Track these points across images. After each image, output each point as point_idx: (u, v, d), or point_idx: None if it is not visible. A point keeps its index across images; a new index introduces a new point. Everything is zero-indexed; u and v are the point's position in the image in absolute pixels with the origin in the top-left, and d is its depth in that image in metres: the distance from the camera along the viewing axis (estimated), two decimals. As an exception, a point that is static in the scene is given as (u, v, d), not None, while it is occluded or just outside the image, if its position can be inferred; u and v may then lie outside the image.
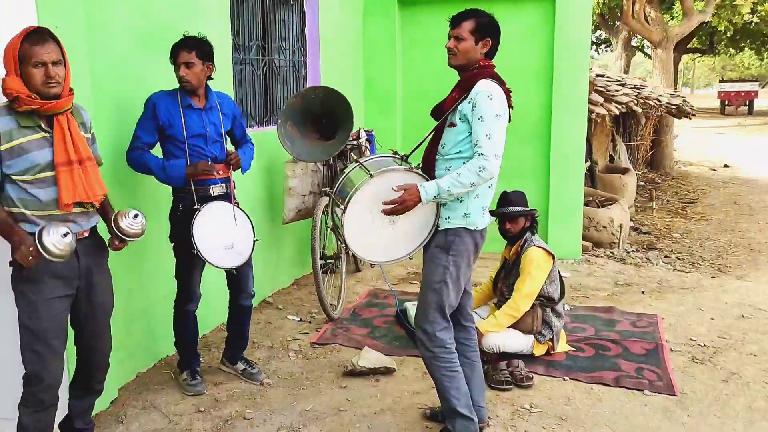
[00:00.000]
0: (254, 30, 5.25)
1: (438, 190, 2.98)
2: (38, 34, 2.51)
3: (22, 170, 2.53)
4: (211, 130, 3.53)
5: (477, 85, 3.01)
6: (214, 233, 3.46)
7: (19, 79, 2.49)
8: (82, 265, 2.69)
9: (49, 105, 2.53)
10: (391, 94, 6.95)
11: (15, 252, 2.50)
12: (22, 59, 2.48)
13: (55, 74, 2.51)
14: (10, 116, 2.52)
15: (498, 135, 2.97)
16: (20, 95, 2.48)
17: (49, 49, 2.50)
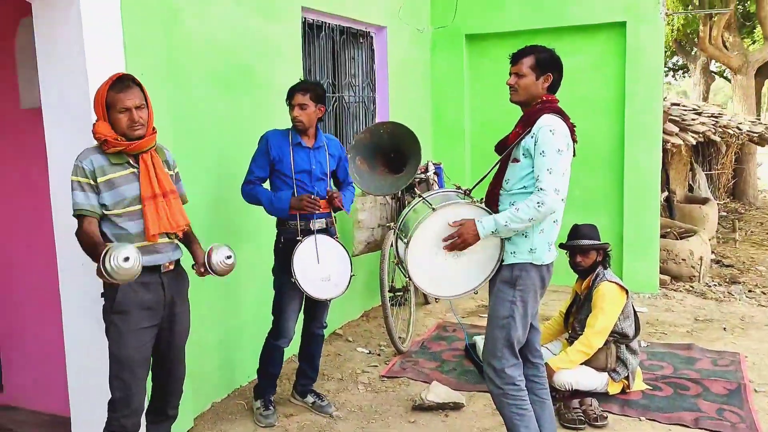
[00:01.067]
0: (325, 68, 5.40)
1: (495, 225, 2.98)
2: (122, 82, 2.70)
3: (113, 203, 2.71)
4: (316, 168, 3.71)
5: (540, 120, 3.01)
6: (313, 265, 3.60)
7: (107, 123, 2.69)
8: (167, 297, 2.83)
9: (134, 145, 2.72)
10: (459, 126, 6.99)
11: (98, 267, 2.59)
12: (109, 106, 2.68)
13: (138, 118, 2.69)
14: (102, 154, 2.72)
15: (559, 170, 2.95)
16: (108, 138, 2.67)
17: (132, 95, 2.68)
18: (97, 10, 3.18)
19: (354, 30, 5.72)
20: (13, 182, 3.98)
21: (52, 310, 3.70)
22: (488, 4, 6.64)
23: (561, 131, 2.99)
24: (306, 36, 4.97)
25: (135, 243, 2.71)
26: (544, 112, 3.06)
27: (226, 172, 4.07)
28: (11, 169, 3.96)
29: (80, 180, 2.69)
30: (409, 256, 3.14)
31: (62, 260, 3.34)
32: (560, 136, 2.98)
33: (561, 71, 3.15)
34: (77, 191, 2.70)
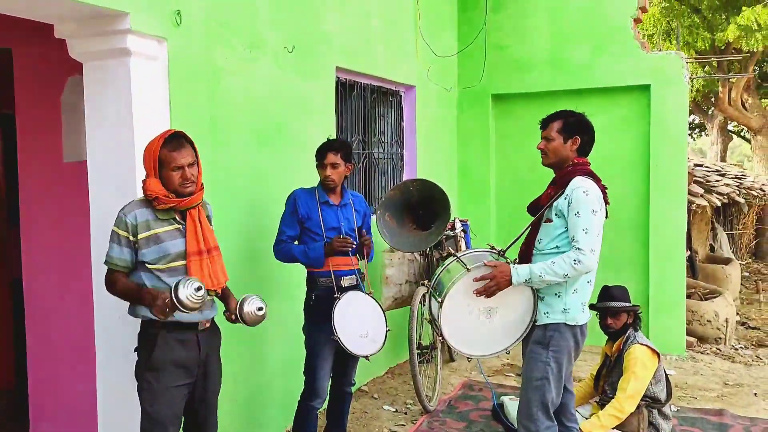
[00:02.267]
0: (356, 125, 5.51)
1: (530, 273, 3.01)
2: (175, 139, 2.75)
3: (155, 258, 2.73)
4: (345, 225, 3.76)
5: (573, 182, 3.07)
6: (351, 321, 3.60)
7: (158, 180, 2.73)
8: (202, 355, 2.83)
9: (184, 202, 2.76)
10: (485, 184, 7.05)
11: (152, 307, 2.64)
12: (162, 163, 2.72)
13: (190, 175, 2.74)
14: (148, 208, 2.75)
15: (595, 230, 3.00)
16: (159, 196, 2.71)
17: (185, 153, 2.74)
18: (146, 71, 3.30)
19: (384, 89, 5.85)
20: (54, 233, 4.06)
21: (86, 363, 3.72)
22: (515, 66, 6.77)
23: (594, 193, 3.05)
24: (339, 94, 5.09)
25: None
26: (576, 174, 3.12)
27: (258, 225, 4.12)
28: (52, 221, 4.05)
29: (120, 233, 2.73)
30: (443, 315, 3.16)
31: (99, 313, 3.37)
32: (594, 197, 3.03)
33: (590, 134, 3.22)
34: (114, 243, 2.74)
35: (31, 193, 4.16)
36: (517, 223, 6.66)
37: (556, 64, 6.64)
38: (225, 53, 3.82)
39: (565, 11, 6.61)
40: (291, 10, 4.41)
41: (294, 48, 4.40)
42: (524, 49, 6.75)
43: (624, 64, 6.37)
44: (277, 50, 4.29)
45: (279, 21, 4.28)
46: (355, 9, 5.18)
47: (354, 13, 5.16)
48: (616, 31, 6.40)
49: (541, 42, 6.70)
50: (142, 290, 2.70)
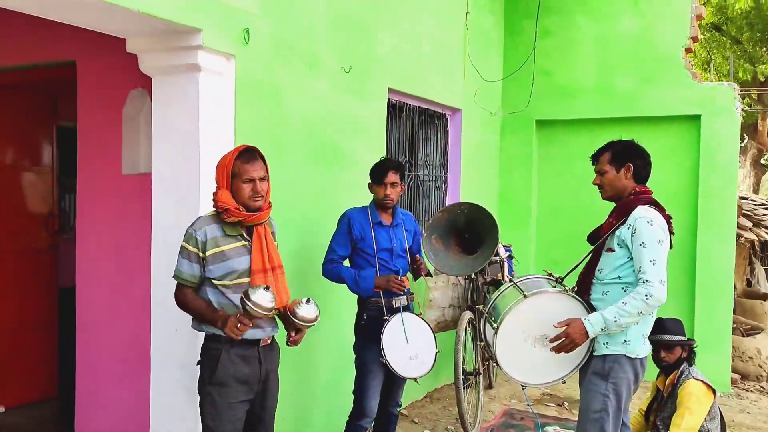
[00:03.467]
0: (404, 146, 5.52)
1: (604, 322, 2.94)
2: (249, 153, 2.78)
3: (221, 275, 2.73)
4: (397, 246, 3.75)
5: (635, 211, 3.02)
6: (401, 343, 3.57)
7: (229, 192, 2.74)
8: (262, 371, 2.83)
9: (253, 217, 2.77)
10: (526, 209, 7.00)
11: (226, 329, 2.64)
12: (234, 175, 2.74)
13: (261, 189, 2.76)
14: (216, 225, 2.76)
15: (661, 261, 2.95)
16: (229, 207, 2.72)
17: (258, 166, 2.76)
18: (214, 87, 3.34)
19: (432, 111, 5.86)
20: (108, 244, 4.09)
21: (135, 375, 3.73)
22: (560, 92, 6.76)
23: (658, 223, 3.00)
24: (389, 115, 5.11)
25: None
26: (638, 203, 3.08)
27: (309, 243, 4.13)
28: (107, 232, 4.08)
29: (189, 248, 2.74)
30: (498, 341, 3.12)
31: (156, 326, 3.39)
32: (658, 227, 2.99)
33: (643, 158, 3.18)
34: (183, 258, 2.75)
35: (87, 203, 4.20)
36: (558, 251, 6.70)
37: (603, 91, 6.61)
38: (286, 72, 3.86)
39: (613, 40, 6.60)
40: (347, 31, 4.45)
41: (351, 68, 4.43)
42: (570, 75, 6.73)
43: (673, 93, 6.32)
44: (334, 71, 4.32)
45: (336, 42, 4.32)
46: (408, 32, 5.22)
47: (406, 36, 5.19)
48: (666, 60, 6.36)
49: (587, 69, 6.68)
50: (216, 313, 2.71)
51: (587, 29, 6.69)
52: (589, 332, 2.95)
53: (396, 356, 3.55)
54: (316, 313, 2.83)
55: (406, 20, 5.18)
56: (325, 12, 4.20)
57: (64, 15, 2.97)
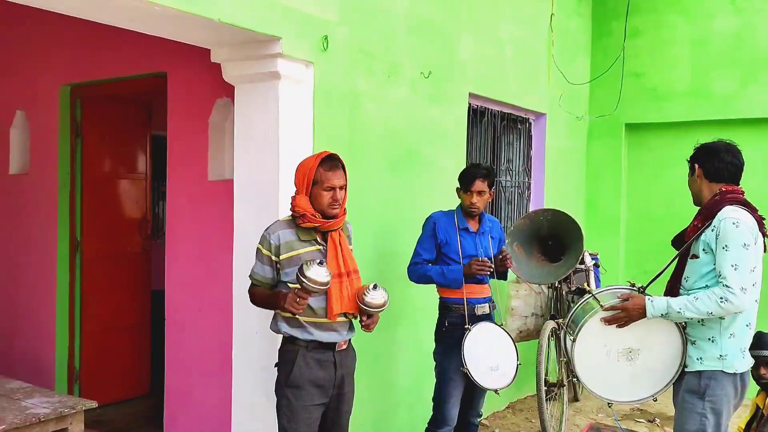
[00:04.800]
0: (485, 152, 5.45)
1: (667, 307, 2.80)
2: (332, 161, 2.80)
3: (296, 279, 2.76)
4: (482, 253, 3.69)
5: (721, 212, 2.83)
6: (482, 353, 3.52)
7: (307, 198, 2.77)
8: (338, 375, 2.84)
9: (329, 224, 2.79)
10: (614, 216, 6.75)
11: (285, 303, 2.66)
12: (316, 181, 2.76)
13: (340, 197, 2.78)
14: (291, 229, 2.80)
15: (746, 266, 2.73)
16: (306, 213, 2.75)
17: (339, 175, 2.79)
18: (293, 94, 3.40)
19: (514, 116, 5.76)
20: (196, 249, 4.24)
21: (221, 375, 3.83)
22: (651, 94, 6.48)
23: (746, 224, 2.79)
24: (469, 120, 5.05)
25: (314, 318, 2.77)
26: (724, 203, 2.88)
27: (385, 249, 4.13)
28: (195, 237, 4.23)
29: (263, 251, 2.80)
30: (577, 354, 3.00)
31: (238, 328, 3.47)
32: (745, 229, 2.77)
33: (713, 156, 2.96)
34: (258, 260, 2.82)
35: (176, 209, 4.38)
36: (649, 260, 6.40)
37: (698, 93, 6.29)
38: (365, 78, 3.89)
39: (709, 39, 6.27)
40: (427, 36, 4.43)
41: (430, 74, 4.41)
42: (662, 77, 6.44)
43: (773, 94, 5.93)
44: (413, 76, 4.32)
45: (415, 47, 4.32)
46: (490, 36, 5.15)
47: (488, 40, 5.12)
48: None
49: (681, 70, 6.37)
50: (278, 293, 2.76)
51: (681, 28, 6.39)
52: (648, 312, 2.83)
53: (477, 366, 3.49)
54: (384, 298, 2.82)
55: (487, 24, 5.12)
56: (405, 18, 4.21)
57: (154, 27, 3.10)
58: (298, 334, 2.76)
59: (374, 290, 2.80)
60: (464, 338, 3.47)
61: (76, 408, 3.36)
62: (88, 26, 3.41)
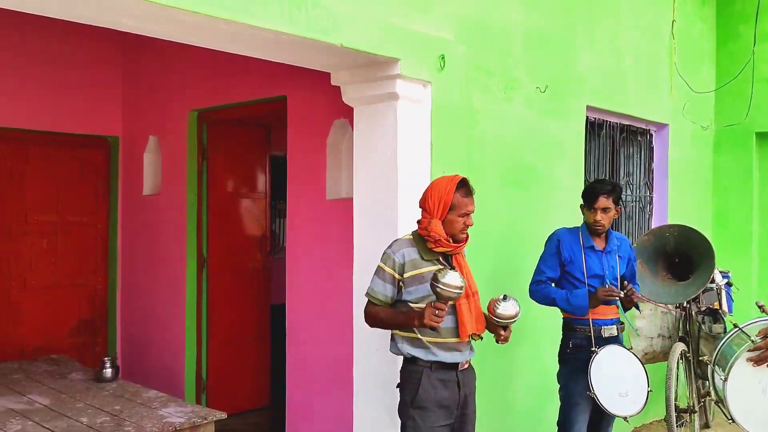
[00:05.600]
0: (603, 165, 5.27)
1: None
2: (467, 186, 2.79)
3: (419, 297, 2.76)
4: (608, 273, 3.56)
5: None
6: (610, 377, 3.39)
7: (440, 223, 2.75)
8: (461, 395, 2.82)
9: (458, 248, 2.80)
10: (745, 232, 6.32)
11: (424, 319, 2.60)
12: (453, 207, 2.74)
13: (471, 223, 2.78)
14: (413, 248, 2.81)
15: None
16: (441, 239, 2.74)
17: (472, 201, 2.79)
18: (411, 114, 3.43)
19: (634, 128, 5.54)
20: (315, 265, 4.36)
21: (341, 390, 3.91)
22: (786, 101, 6.05)
23: None
24: (587, 133, 4.91)
25: (438, 339, 2.75)
26: None
27: (506, 268, 4.06)
28: (314, 254, 4.35)
29: (386, 269, 2.79)
30: (729, 393, 2.83)
31: (358, 345, 3.52)
32: None
33: None
34: (379, 279, 2.80)
35: (296, 226, 4.52)
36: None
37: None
38: (481, 95, 3.87)
39: None
40: (544, 50, 4.36)
41: (547, 88, 4.33)
42: (798, 82, 6.00)
43: None
44: (530, 91, 4.25)
45: (532, 62, 4.25)
46: (608, 47, 4.99)
47: (606, 51, 4.97)
48: None
49: (819, 74, 5.91)
50: (410, 313, 2.71)
51: (819, 27, 5.93)
52: None
53: (605, 391, 3.34)
54: (516, 308, 2.77)
55: (605, 35, 4.96)
56: (521, 32, 4.16)
57: (279, 55, 3.23)
58: (421, 354, 2.75)
59: (505, 301, 2.77)
60: (591, 361, 3.35)
61: (207, 418, 3.51)
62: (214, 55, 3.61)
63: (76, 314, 5.63)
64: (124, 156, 5.80)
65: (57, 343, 5.43)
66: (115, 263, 5.80)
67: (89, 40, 5.48)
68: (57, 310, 5.50)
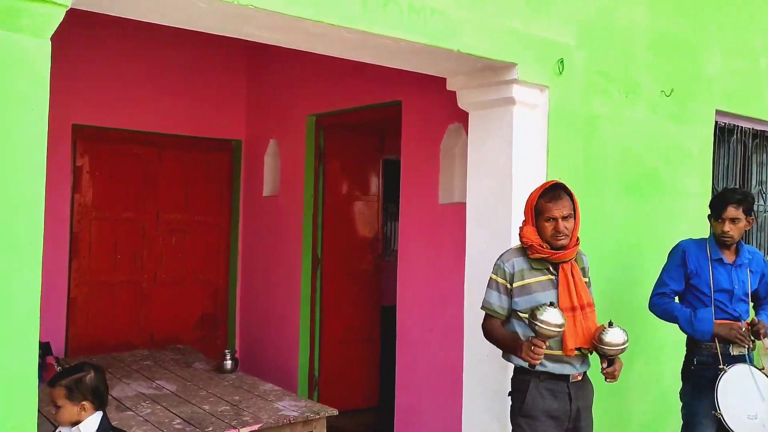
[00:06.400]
0: (733, 173, 4.96)
1: None
2: (554, 191, 2.74)
3: (527, 308, 2.72)
4: (738, 288, 3.37)
5: None
6: (738, 398, 3.20)
7: (534, 229, 2.74)
8: (573, 408, 2.75)
9: (557, 255, 2.73)
10: None
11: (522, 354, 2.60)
12: (538, 212, 2.73)
13: (563, 228, 2.70)
14: (523, 257, 2.78)
15: None
16: (534, 244, 2.72)
17: (561, 205, 2.71)
18: (527, 119, 3.40)
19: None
20: (425, 269, 4.39)
21: (450, 395, 3.91)
22: None
23: None
24: (715, 139, 4.65)
25: (546, 351, 2.70)
26: None
27: (623, 278, 3.91)
28: (426, 257, 4.39)
29: (498, 280, 2.78)
30: None
31: (468, 351, 3.51)
32: None
33: None
34: (492, 290, 2.79)
35: (408, 230, 4.58)
36: None
37: None
38: (601, 100, 3.76)
39: None
40: (669, 52, 4.17)
41: (672, 91, 4.14)
42: None
43: None
44: (654, 95, 4.08)
45: (656, 65, 4.08)
46: (741, 47, 4.71)
47: (739, 51, 4.69)
48: None
49: None
50: (516, 342, 2.70)
51: None
52: None
53: (733, 412, 3.14)
54: (623, 337, 2.66)
55: (738, 35, 4.68)
56: (645, 36, 4.00)
57: (397, 61, 3.29)
58: (524, 363, 2.71)
59: (611, 328, 2.67)
60: (718, 379, 3.16)
61: (320, 414, 3.63)
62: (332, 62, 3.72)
63: (200, 308, 5.97)
64: (246, 158, 6.09)
65: (182, 335, 5.79)
66: (235, 261, 6.10)
67: (218, 49, 5.81)
68: (183, 303, 5.86)
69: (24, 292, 2.07)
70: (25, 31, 2.09)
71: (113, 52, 5.42)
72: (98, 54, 5.34)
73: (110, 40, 5.35)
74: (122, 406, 3.69)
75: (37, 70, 2.12)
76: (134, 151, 5.63)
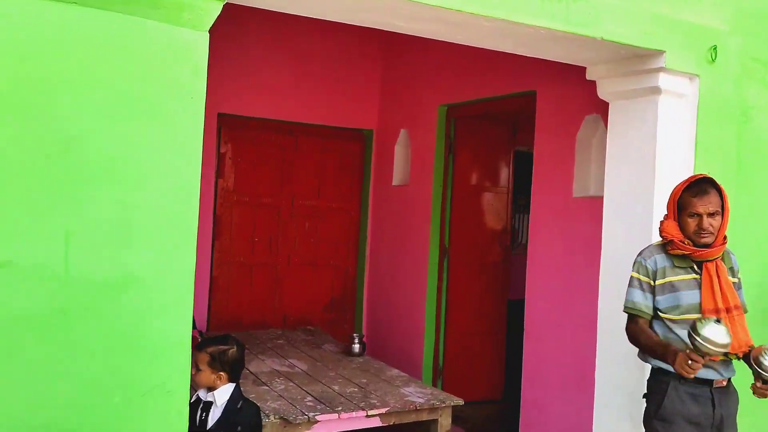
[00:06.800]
0: None
1: None
2: (700, 185, 2.60)
3: (668, 307, 2.62)
4: None
5: None
6: None
7: (675, 224, 2.62)
8: (716, 415, 2.60)
9: (700, 253, 2.58)
10: None
11: (675, 365, 2.47)
12: (681, 207, 2.60)
13: (707, 225, 2.55)
14: (664, 254, 2.66)
15: None
16: (675, 240, 2.60)
17: (706, 201, 2.56)
18: (673, 109, 3.22)
19: None
20: (556, 263, 4.29)
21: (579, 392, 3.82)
22: None
23: None
24: None
25: None
26: None
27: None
28: (557, 251, 4.29)
29: (640, 278, 2.67)
30: None
31: (601, 349, 3.40)
32: None
33: None
34: (635, 288, 2.68)
35: (539, 223, 4.48)
36: None
37: None
38: (758, 90, 3.49)
39: None
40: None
41: (841, 80, 3.76)
42: None
43: None
44: (819, 83, 3.73)
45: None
46: None
47: None
48: None
49: None
50: (668, 349, 2.53)
51: None
52: None
53: None
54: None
55: None
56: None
57: (535, 49, 3.22)
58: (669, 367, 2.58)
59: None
60: None
61: (445, 402, 3.66)
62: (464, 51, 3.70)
63: (329, 292, 6.18)
64: (377, 148, 6.21)
65: (312, 317, 6.02)
66: (364, 248, 6.25)
67: (354, 39, 5.95)
68: (314, 286, 6.09)
69: (182, 267, 2.25)
70: (186, 24, 2.25)
71: (256, 44, 5.69)
72: (243, 46, 5.64)
73: (253, 32, 5.62)
74: (258, 380, 3.91)
75: (197, 61, 2.28)
76: (273, 139, 5.90)
